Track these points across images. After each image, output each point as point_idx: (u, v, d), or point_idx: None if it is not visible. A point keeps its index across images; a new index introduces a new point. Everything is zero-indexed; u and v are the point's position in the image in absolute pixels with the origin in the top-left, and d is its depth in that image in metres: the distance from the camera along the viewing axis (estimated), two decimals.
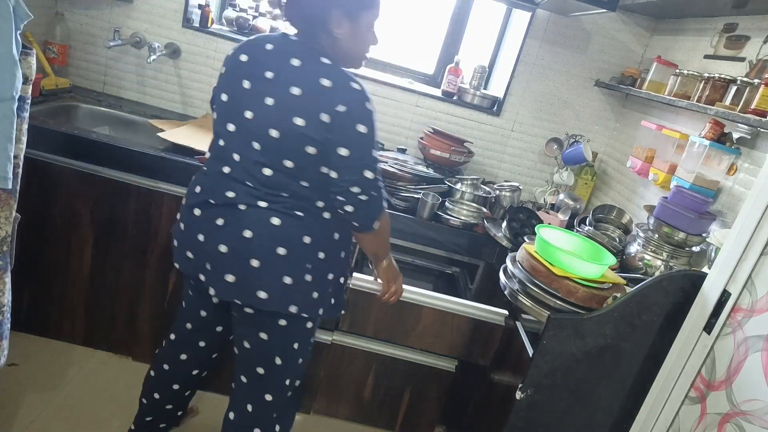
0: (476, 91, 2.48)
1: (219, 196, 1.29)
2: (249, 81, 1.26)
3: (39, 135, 1.76)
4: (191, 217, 1.35)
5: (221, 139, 1.33)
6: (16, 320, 2.02)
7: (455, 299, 1.66)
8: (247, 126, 1.25)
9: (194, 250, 1.34)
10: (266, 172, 1.26)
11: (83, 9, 2.34)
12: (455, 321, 1.65)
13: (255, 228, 1.26)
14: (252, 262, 1.26)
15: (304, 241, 1.29)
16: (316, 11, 1.25)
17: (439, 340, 1.67)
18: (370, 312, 1.66)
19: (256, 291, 1.28)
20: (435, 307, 1.65)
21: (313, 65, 1.23)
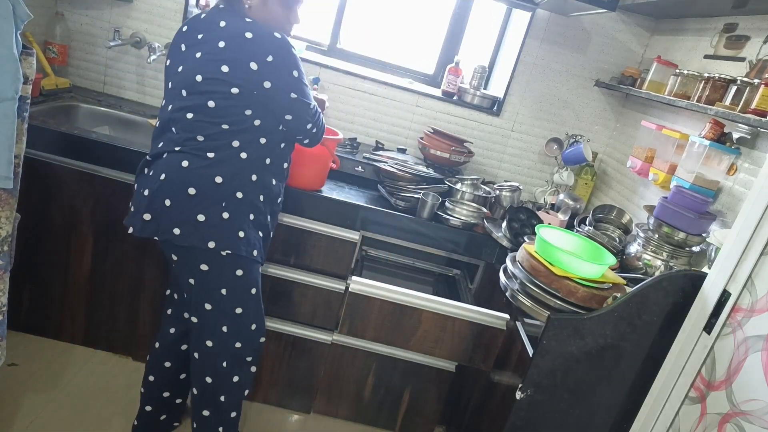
0: (476, 91, 2.48)
1: (153, 150, 1.46)
2: (184, 44, 1.43)
3: (39, 135, 1.76)
4: (138, 179, 1.51)
5: (163, 99, 1.49)
6: (17, 320, 2.03)
7: (455, 303, 1.64)
8: (178, 78, 1.41)
9: (133, 203, 1.49)
10: (188, 116, 1.39)
11: (83, 9, 2.34)
12: (456, 325, 1.63)
13: (168, 171, 1.40)
14: (165, 201, 1.39)
15: (215, 180, 1.39)
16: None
17: (440, 345, 1.65)
18: (369, 317, 1.64)
19: (171, 228, 1.39)
20: (435, 311, 1.62)
21: (236, 22, 1.38)
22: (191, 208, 1.38)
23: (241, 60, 1.33)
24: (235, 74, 1.34)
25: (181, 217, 1.38)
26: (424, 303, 1.62)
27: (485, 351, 1.65)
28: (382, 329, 1.64)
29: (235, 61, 1.34)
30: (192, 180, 1.38)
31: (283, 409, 2.12)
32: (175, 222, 1.39)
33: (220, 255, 1.43)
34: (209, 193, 1.39)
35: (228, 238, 1.42)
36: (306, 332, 1.98)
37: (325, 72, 2.43)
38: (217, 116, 1.37)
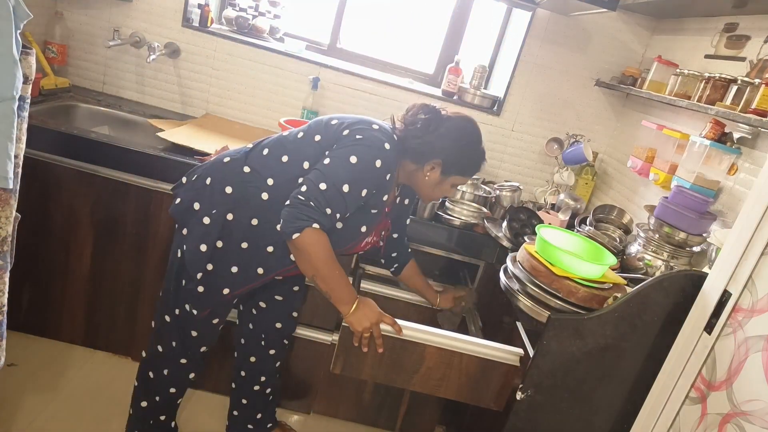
0: (476, 91, 2.47)
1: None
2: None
3: (39, 135, 1.76)
4: None
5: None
6: (16, 320, 2.03)
7: (462, 337, 1.45)
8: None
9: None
10: (284, 133, 1.50)
11: (83, 9, 2.34)
12: (463, 362, 1.43)
13: (216, 159, 1.53)
14: (194, 175, 1.51)
15: (225, 189, 1.42)
16: (426, 148, 1.41)
17: (445, 383, 1.46)
18: (366, 352, 1.42)
19: (178, 196, 1.50)
20: (439, 346, 1.42)
21: (384, 126, 1.44)
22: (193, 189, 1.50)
23: (340, 129, 1.40)
24: (331, 128, 1.41)
25: (184, 191, 1.52)
26: (428, 337, 1.42)
27: (496, 389, 1.46)
28: (380, 366, 1.44)
29: (341, 123, 1.41)
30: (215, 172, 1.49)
31: (282, 410, 2.12)
32: (180, 192, 1.53)
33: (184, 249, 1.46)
34: (209, 193, 1.47)
35: (194, 232, 1.44)
36: (306, 332, 1.98)
37: (325, 72, 2.42)
38: (289, 146, 1.45)
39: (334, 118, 1.44)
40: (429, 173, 1.44)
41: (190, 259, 1.43)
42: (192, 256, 1.43)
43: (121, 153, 1.85)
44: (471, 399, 1.48)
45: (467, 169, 1.48)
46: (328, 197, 1.29)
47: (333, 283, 1.35)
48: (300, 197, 1.28)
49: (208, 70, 2.43)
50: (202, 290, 1.46)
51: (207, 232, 1.42)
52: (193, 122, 2.28)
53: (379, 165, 1.34)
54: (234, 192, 1.42)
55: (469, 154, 1.47)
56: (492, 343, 1.45)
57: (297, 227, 1.26)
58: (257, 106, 2.49)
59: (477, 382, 1.45)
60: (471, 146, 1.47)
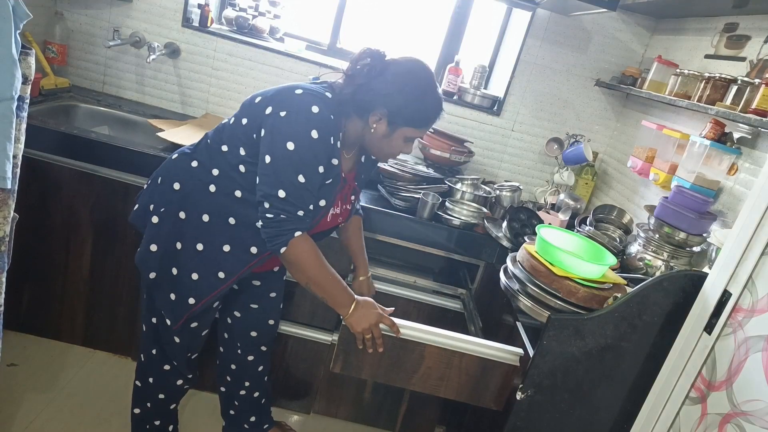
0: (476, 91, 2.47)
1: None
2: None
3: (38, 135, 1.76)
4: None
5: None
6: (16, 320, 2.03)
7: (462, 336, 1.44)
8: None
9: None
10: (223, 121, 1.43)
11: (82, 8, 2.34)
12: (463, 361, 1.43)
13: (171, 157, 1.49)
14: (150, 179, 1.49)
15: (173, 185, 1.39)
16: (368, 96, 1.29)
17: (445, 383, 1.46)
18: (365, 352, 1.42)
19: (137, 202, 1.49)
20: (439, 345, 1.42)
21: (313, 85, 1.34)
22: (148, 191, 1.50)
23: (266, 102, 1.29)
24: (254, 109, 1.31)
25: (143, 194, 1.53)
26: (428, 336, 1.42)
27: (496, 389, 1.46)
28: (380, 366, 1.44)
29: (263, 101, 1.31)
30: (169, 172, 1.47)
31: (282, 410, 2.11)
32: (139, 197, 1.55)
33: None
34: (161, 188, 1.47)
35: (152, 235, 1.42)
36: (306, 332, 1.98)
37: (325, 72, 2.42)
38: (224, 134, 1.39)
39: (258, 95, 1.34)
40: (375, 125, 1.31)
41: (140, 260, 1.41)
42: (141, 256, 1.41)
43: (121, 153, 1.85)
44: (471, 399, 1.48)
45: (418, 119, 1.33)
46: (293, 199, 1.24)
47: (328, 288, 1.34)
48: (268, 215, 1.25)
49: (208, 70, 2.43)
50: (174, 298, 1.41)
51: (157, 232, 1.39)
52: (193, 122, 2.28)
53: (317, 135, 1.22)
54: (182, 188, 1.38)
55: (419, 101, 1.31)
56: (492, 343, 1.45)
57: (282, 242, 1.25)
58: None
59: (477, 382, 1.45)
60: (420, 91, 1.31)
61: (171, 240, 1.38)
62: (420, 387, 1.46)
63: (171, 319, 1.44)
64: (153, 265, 1.40)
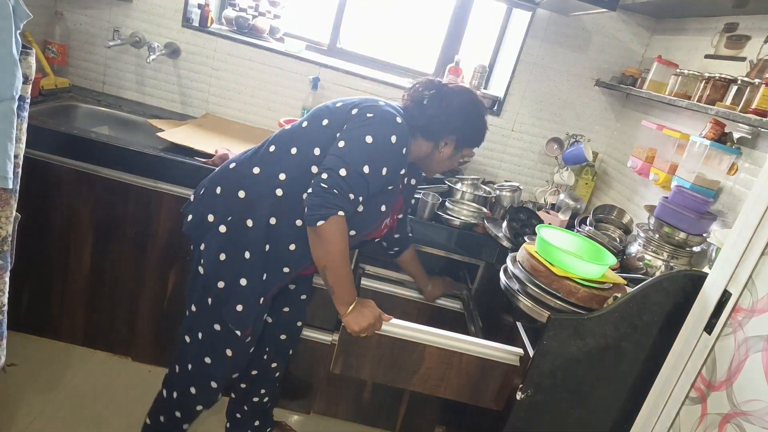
0: (476, 91, 2.47)
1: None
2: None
3: (39, 135, 1.75)
4: None
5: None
6: (16, 320, 2.03)
7: (462, 337, 1.45)
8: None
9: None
10: (287, 127, 1.47)
11: (82, 8, 2.34)
12: (463, 361, 1.44)
13: (221, 167, 1.50)
14: (202, 189, 1.48)
15: (238, 194, 1.39)
16: (439, 125, 1.44)
17: (445, 383, 1.47)
18: (366, 353, 1.44)
19: (189, 213, 1.45)
20: (439, 346, 1.43)
21: (390, 104, 1.42)
22: (206, 201, 1.47)
23: (348, 109, 1.38)
24: (338, 110, 1.39)
25: (194, 205, 1.49)
26: (428, 337, 1.43)
27: (496, 389, 1.47)
28: (380, 366, 1.45)
29: (347, 104, 1.40)
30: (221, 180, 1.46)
31: (282, 410, 2.12)
32: (190, 208, 1.50)
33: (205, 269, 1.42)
34: (223, 198, 1.44)
35: (213, 246, 1.40)
36: (306, 332, 1.98)
37: (325, 72, 2.42)
38: (295, 137, 1.43)
39: (339, 101, 1.42)
40: (443, 149, 1.47)
41: (210, 271, 1.38)
42: (211, 267, 1.38)
43: (121, 153, 1.85)
44: (471, 399, 1.49)
45: (477, 141, 1.52)
46: (351, 182, 1.27)
47: (341, 278, 1.34)
48: (323, 185, 1.25)
49: (208, 70, 2.43)
50: (242, 309, 1.39)
51: (226, 241, 1.37)
52: (193, 122, 2.28)
53: (395, 141, 1.32)
54: (247, 195, 1.38)
55: (479, 127, 1.50)
56: (492, 343, 1.45)
57: (323, 215, 1.25)
58: (257, 106, 2.49)
59: (477, 382, 1.46)
60: (480, 119, 1.49)
61: (239, 249, 1.37)
62: (420, 387, 1.47)
63: (241, 328, 1.41)
64: (224, 274, 1.38)
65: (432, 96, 1.43)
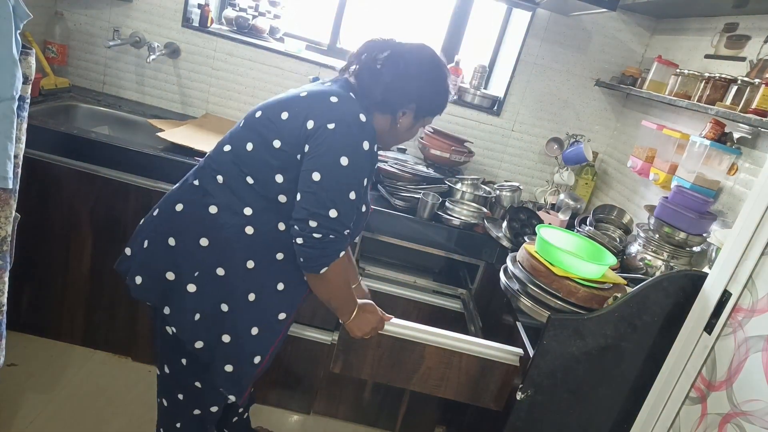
0: (476, 91, 2.47)
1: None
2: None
3: (39, 135, 1.75)
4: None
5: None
6: (16, 320, 2.03)
7: (462, 337, 1.45)
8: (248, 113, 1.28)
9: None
10: (225, 148, 1.23)
11: (83, 9, 2.34)
12: (463, 361, 1.43)
13: (160, 208, 1.27)
14: (144, 241, 1.25)
15: (200, 242, 1.19)
16: (396, 95, 1.25)
17: (445, 383, 1.46)
18: (365, 352, 1.43)
19: (136, 274, 1.24)
20: (439, 345, 1.42)
21: (336, 87, 1.24)
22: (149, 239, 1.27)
23: (304, 114, 1.16)
24: (289, 124, 1.16)
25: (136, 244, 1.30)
26: (428, 337, 1.42)
27: (496, 389, 1.46)
28: (380, 366, 1.44)
29: (298, 112, 1.17)
30: (173, 225, 1.25)
31: (282, 410, 2.12)
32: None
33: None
34: (185, 247, 1.24)
35: (180, 306, 1.23)
36: (306, 332, 1.98)
37: (325, 72, 2.42)
38: (247, 164, 1.19)
39: (282, 110, 1.19)
40: (401, 120, 1.29)
41: (185, 336, 1.23)
42: (185, 330, 1.22)
43: (121, 153, 1.85)
44: (471, 399, 1.49)
45: (438, 108, 1.33)
46: (343, 219, 1.15)
47: (342, 300, 1.30)
48: (315, 235, 1.13)
49: (208, 70, 2.43)
50: (232, 369, 1.25)
51: (197, 299, 1.21)
52: (192, 122, 2.28)
53: (367, 146, 1.17)
54: (212, 242, 1.19)
55: (440, 91, 1.30)
56: (492, 343, 1.45)
57: (325, 263, 1.16)
58: None
59: (477, 382, 1.46)
60: (442, 82, 1.30)
61: (215, 303, 1.21)
62: (420, 387, 1.47)
63: (235, 393, 1.28)
64: (200, 333, 1.22)
65: (386, 59, 1.24)
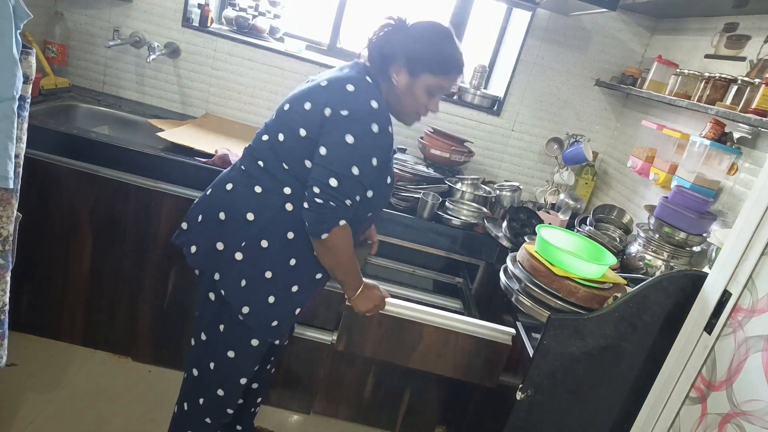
0: (476, 91, 2.47)
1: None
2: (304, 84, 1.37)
3: (39, 135, 1.75)
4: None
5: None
6: (16, 320, 2.02)
7: (458, 317, 1.54)
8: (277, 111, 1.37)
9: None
10: (263, 138, 1.34)
11: (83, 8, 2.34)
12: (459, 340, 1.52)
13: (213, 188, 1.41)
14: (198, 216, 1.38)
15: (246, 217, 1.31)
16: (386, 51, 1.31)
17: (442, 360, 1.55)
18: (368, 331, 1.53)
19: (191, 244, 1.38)
20: (437, 325, 1.51)
21: (353, 73, 1.30)
22: (213, 231, 1.36)
23: (323, 103, 1.25)
24: (312, 114, 1.26)
25: (202, 237, 1.37)
26: (426, 317, 1.52)
27: (490, 367, 1.54)
28: (381, 344, 1.54)
29: (318, 103, 1.25)
30: (226, 205, 1.35)
31: (282, 410, 2.12)
32: (195, 239, 1.38)
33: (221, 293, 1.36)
34: (235, 225, 1.34)
35: (233, 284, 1.34)
36: (306, 332, 1.98)
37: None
38: (282, 153, 1.30)
39: (305, 101, 1.28)
40: (397, 77, 1.31)
41: (232, 299, 1.34)
42: (233, 295, 1.34)
43: (121, 153, 1.85)
44: (465, 376, 1.57)
45: (437, 64, 1.30)
46: (344, 189, 1.24)
47: (349, 273, 1.38)
48: (317, 200, 1.23)
49: (208, 70, 2.43)
50: (276, 324, 1.38)
51: (245, 267, 1.33)
52: (193, 122, 2.28)
53: (377, 129, 1.24)
54: (257, 217, 1.32)
55: (436, 46, 1.30)
56: (485, 323, 1.54)
57: (325, 229, 1.25)
58: (257, 106, 2.49)
59: (471, 360, 1.55)
60: (436, 37, 1.32)
61: (260, 271, 1.33)
62: (418, 364, 1.56)
63: (278, 336, 1.40)
64: (249, 298, 1.34)
65: (387, 26, 1.34)
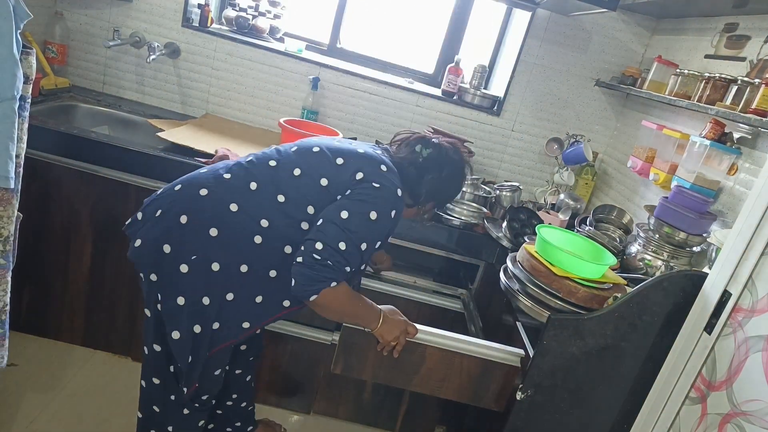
0: (476, 91, 2.47)
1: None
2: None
3: (39, 135, 1.75)
4: None
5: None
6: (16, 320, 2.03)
7: (463, 338, 1.44)
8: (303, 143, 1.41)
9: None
10: (270, 163, 1.33)
11: (82, 8, 2.34)
12: (464, 362, 1.43)
13: (184, 187, 1.33)
14: (158, 211, 1.30)
15: (210, 231, 1.24)
16: (424, 190, 1.43)
17: (446, 384, 1.46)
18: (366, 353, 1.42)
19: (138, 237, 1.30)
20: (440, 346, 1.42)
21: (387, 158, 1.39)
22: (161, 228, 1.31)
23: (350, 172, 1.30)
24: (340, 169, 1.30)
25: (149, 230, 1.33)
26: (429, 338, 1.42)
27: (497, 390, 1.45)
28: (381, 366, 1.43)
29: (350, 164, 1.31)
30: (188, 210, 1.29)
31: (282, 410, 2.12)
32: (143, 231, 1.34)
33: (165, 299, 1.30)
34: (187, 235, 1.28)
35: (171, 280, 1.28)
36: (306, 332, 1.98)
37: (325, 72, 2.43)
38: (285, 185, 1.30)
39: (338, 156, 1.32)
40: (421, 209, 1.51)
41: (168, 313, 1.27)
42: (169, 310, 1.26)
43: (121, 153, 1.85)
44: (472, 400, 1.48)
45: (445, 201, 1.63)
46: (348, 257, 1.22)
47: (359, 316, 1.33)
48: (316, 256, 1.18)
49: (208, 70, 2.43)
50: (191, 360, 1.29)
51: (186, 283, 1.25)
52: (193, 122, 2.28)
53: (394, 215, 1.30)
54: (220, 235, 1.24)
55: (454, 193, 1.56)
56: (493, 344, 1.45)
57: (315, 290, 1.19)
58: (257, 106, 2.49)
59: (478, 383, 1.45)
60: (461, 186, 1.55)
61: (198, 294, 1.25)
62: (421, 388, 1.46)
63: (188, 383, 1.33)
64: (182, 321, 1.26)
65: (429, 157, 1.43)
